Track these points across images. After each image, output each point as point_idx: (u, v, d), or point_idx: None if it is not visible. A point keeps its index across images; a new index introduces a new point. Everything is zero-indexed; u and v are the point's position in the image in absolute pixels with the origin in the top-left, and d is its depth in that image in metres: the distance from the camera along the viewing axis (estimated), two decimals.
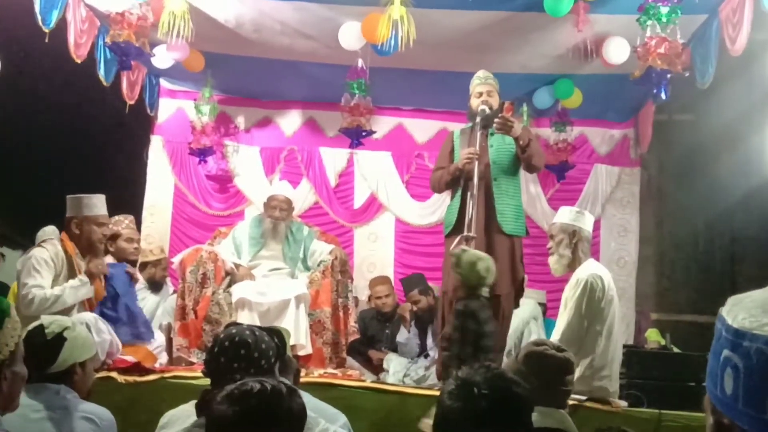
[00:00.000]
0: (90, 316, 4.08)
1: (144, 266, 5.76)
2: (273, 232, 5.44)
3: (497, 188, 4.61)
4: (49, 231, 4.39)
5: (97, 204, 4.45)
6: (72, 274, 4.28)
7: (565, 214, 4.43)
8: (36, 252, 4.20)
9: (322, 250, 5.40)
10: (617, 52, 5.44)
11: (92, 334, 3.86)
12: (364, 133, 6.07)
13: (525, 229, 4.74)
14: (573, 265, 4.27)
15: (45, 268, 4.14)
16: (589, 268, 4.22)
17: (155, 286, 5.78)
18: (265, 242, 5.46)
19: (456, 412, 1.53)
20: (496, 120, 4.51)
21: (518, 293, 4.71)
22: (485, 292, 3.97)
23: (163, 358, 4.90)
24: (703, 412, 1.07)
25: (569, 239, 4.28)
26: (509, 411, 1.55)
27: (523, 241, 4.77)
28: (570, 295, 4.17)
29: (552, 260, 4.36)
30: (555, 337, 4.16)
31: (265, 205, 5.59)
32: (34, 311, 3.87)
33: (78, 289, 4.20)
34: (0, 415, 1.84)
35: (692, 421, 3.81)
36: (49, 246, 4.25)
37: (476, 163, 4.46)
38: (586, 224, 4.37)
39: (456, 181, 4.67)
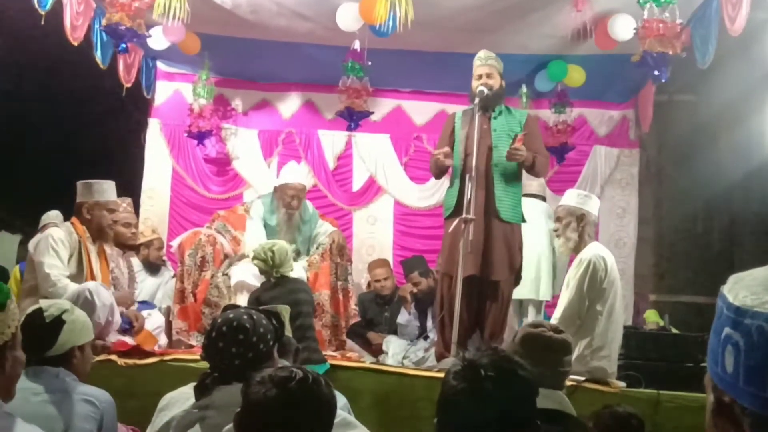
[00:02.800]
0: (92, 284, 4.08)
1: (138, 248, 5.76)
2: (287, 223, 5.36)
3: (497, 173, 4.58)
4: (53, 215, 4.38)
5: (108, 190, 4.45)
6: (80, 259, 4.28)
7: (572, 197, 4.42)
8: (52, 232, 4.22)
9: (325, 231, 5.40)
10: (622, 29, 5.38)
11: (95, 300, 3.90)
12: (355, 117, 6.01)
13: (522, 216, 4.71)
14: (578, 247, 4.29)
15: (62, 248, 4.17)
16: (593, 249, 4.25)
17: (151, 267, 5.77)
18: (278, 231, 5.40)
19: (461, 393, 1.54)
20: (507, 152, 4.45)
21: (517, 279, 4.71)
22: (280, 273, 4.33)
23: (163, 341, 4.90)
24: (702, 392, 1.06)
25: (577, 223, 4.29)
26: (514, 393, 1.55)
27: None
28: (573, 274, 4.20)
29: (558, 242, 4.39)
30: (556, 314, 4.19)
31: (280, 191, 5.40)
32: (50, 293, 3.91)
33: None
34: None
35: (690, 401, 3.82)
36: (63, 227, 4.29)
37: (476, 146, 4.42)
38: (593, 208, 4.39)
39: (442, 173, 4.72)
